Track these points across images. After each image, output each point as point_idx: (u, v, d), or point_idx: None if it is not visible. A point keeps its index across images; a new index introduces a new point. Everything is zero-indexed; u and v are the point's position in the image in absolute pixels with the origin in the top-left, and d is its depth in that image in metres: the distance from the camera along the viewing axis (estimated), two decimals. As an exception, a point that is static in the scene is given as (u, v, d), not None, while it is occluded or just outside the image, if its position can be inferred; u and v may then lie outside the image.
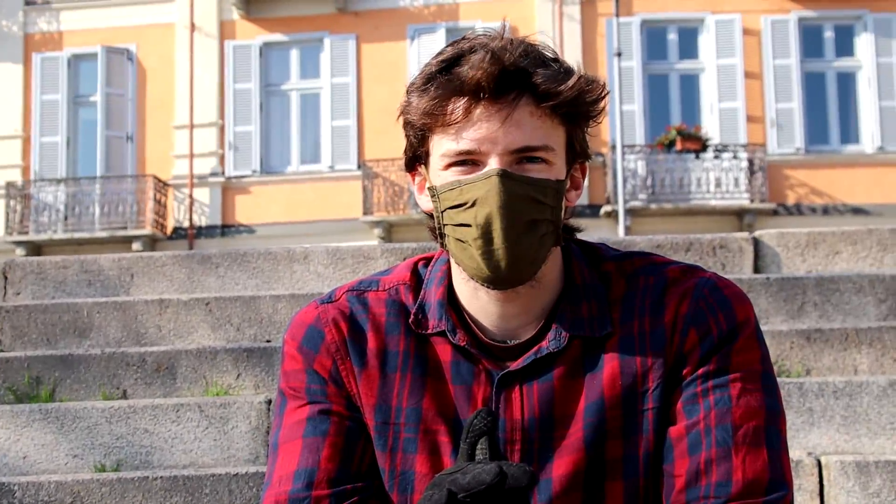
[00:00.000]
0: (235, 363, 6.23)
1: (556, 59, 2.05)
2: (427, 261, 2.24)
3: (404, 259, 6.80)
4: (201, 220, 29.61)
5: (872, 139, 29.09)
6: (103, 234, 28.76)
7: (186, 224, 29.50)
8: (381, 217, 28.69)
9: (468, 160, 2.00)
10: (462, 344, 2.09)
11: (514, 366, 2.08)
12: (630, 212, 26.79)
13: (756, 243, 7.39)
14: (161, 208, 29.34)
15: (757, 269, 7.29)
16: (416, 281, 2.20)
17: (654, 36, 29.47)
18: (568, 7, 29.25)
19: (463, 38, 2.05)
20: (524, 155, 2.00)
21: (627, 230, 25.79)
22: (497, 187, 1.95)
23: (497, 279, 2.01)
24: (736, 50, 29.14)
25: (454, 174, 2.02)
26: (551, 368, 2.08)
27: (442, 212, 2.04)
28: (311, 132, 30.02)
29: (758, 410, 2.04)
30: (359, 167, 29.17)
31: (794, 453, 4.96)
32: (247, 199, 29.58)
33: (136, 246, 28.15)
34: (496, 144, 1.97)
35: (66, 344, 6.88)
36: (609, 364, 2.08)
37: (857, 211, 28.42)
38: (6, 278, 7.80)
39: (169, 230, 29.47)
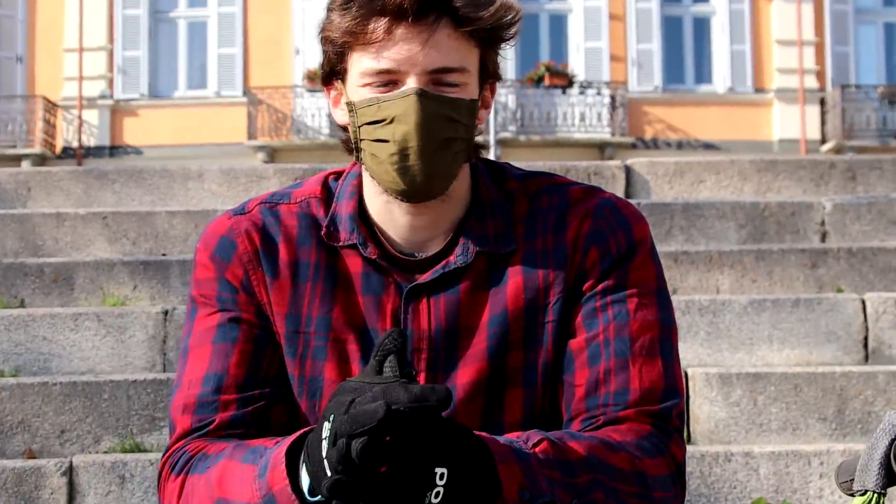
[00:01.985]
0: (132, 275, 6.24)
1: None
2: (337, 175, 2.20)
3: (295, 179, 7.23)
4: (90, 141, 29.16)
5: (724, 80, 29.50)
6: (-7, 152, 28.00)
7: (75, 144, 28.99)
8: (265, 142, 28.54)
9: (387, 79, 1.96)
10: (373, 257, 2.06)
11: (423, 279, 2.06)
12: (500, 142, 26.91)
13: (628, 171, 7.58)
14: (50, 128, 28.91)
15: (628, 195, 7.36)
16: (327, 194, 2.15)
17: (525, -25, 29.63)
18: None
19: None
20: (441, 76, 1.96)
21: (497, 160, 25.94)
22: (415, 105, 1.93)
23: (411, 193, 1.98)
24: (604, -10, 29.11)
25: (372, 91, 1.97)
26: (458, 282, 2.06)
27: (359, 126, 2.00)
28: (197, 59, 29.62)
29: (653, 323, 2.04)
30: (244, 94, 28.90)
31: (661, 367, 5.18)
32: (135, 121, 29.22)
33: (25, 164, 27.25)
34: (415, 65, 1.94)
35: None
36: (513, 279, 2.06)
37: (709, 146, 28.66)
38: None
39: (58, 150, 29.06)
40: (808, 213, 6.98)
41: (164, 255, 6.84)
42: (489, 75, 2.10)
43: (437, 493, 1.61)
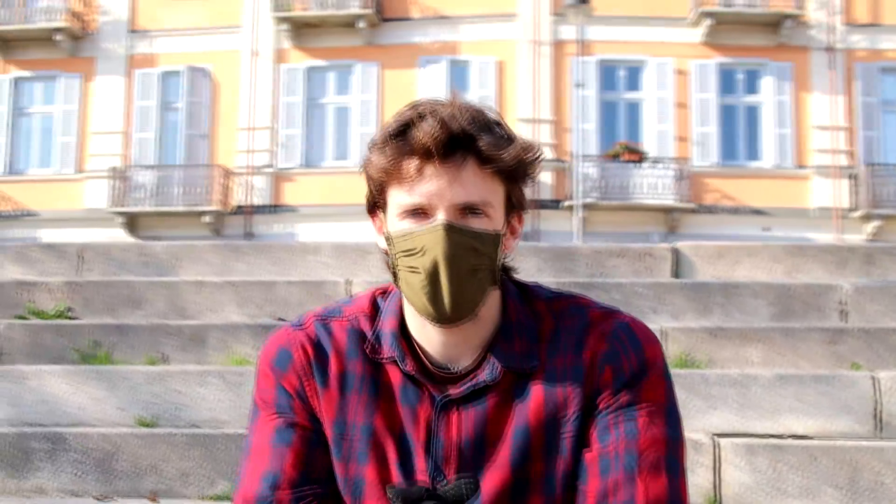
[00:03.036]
0: (253, 336, 6.12)
1: (499, 124, 1.89)
2: (385, 292, 2.06)
3: None
4: (256, 201, 29.43)
5: (771, 158, 29.17)
6: (181, 209, 28.73)
7: (245, 202, 29.38)
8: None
9: (419, 211, 1.84)
10: (410, 371, 1.94)
11: (454, 393, 1.93)
12: (585, 206, 26.65)
13: (675, 252, 7.35)
14: (226, 190, 29.24)
15: (676, 275, 7.21)
16: (374, 311, 2.02)
17: (607, 72, 29.22)
18: (542, 47, 29.18)
19: (419, 104, 1.90)
20: (467, 209, 1.84)
21: (584, 221, 26.12)
22: (443, 238, 1.81)
23: (441, 317, 1.86)
24: (669, 85, 29.11)
25: (407, 223, 1.85)
26: (485, 396, 1.92)
27: (395, 255, 1.89)
28: (342, 136, 29.77)
29: (661, 440, 1.89)
30: (379, 164, 29.12)
31: (697, 434, 4.89)
32: (292, 185, 29.48)
33: (205, 218, 28.50)
34: (443, 199, 1.82)
35: (123, 314, 6.81)
36: (535, 394, 1.92)
37: (757, 212, 28.47)
38: (81, 258, 7.72)
39: (232, 207, 29.32)
40: (830, 293, 6.64)
41: (281, 318, 6.67)
42: (514, 206, 1.96)
43: None
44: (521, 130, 1.98)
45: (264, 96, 29.90)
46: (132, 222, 29.10)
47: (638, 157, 28.29)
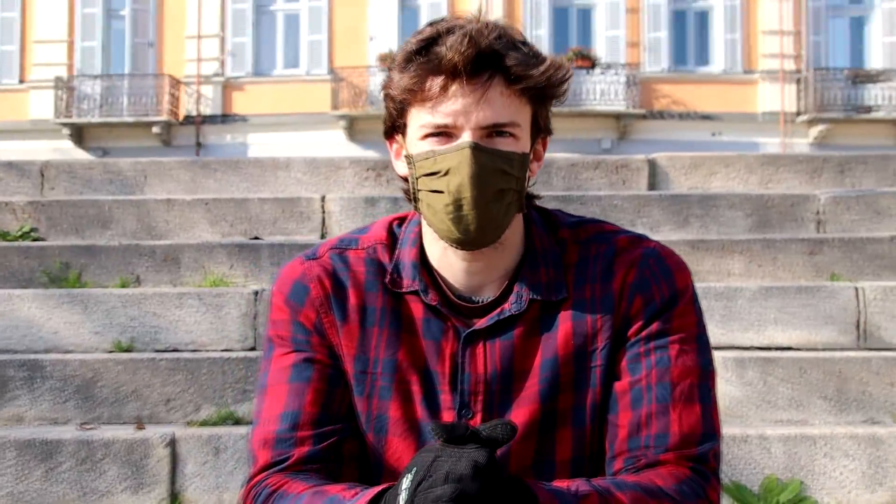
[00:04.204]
0: (229, 256, 6.04)
1: (525, 43, 1.79)
2: (401, 220, 2.00)
3: (367, 170, 7.15)
4: (206, 111, 29.15)
5: (720, 63, 29.21)
6: (130, 120, 28.41)
7: (195, 113, 29.06)
8: (345, 112, 28.22)
9: (443, 132, 1.76)
10: (433, 303, 1.87)
11: (479, 325, 1.86)
12: None
13: (651, 164, 7.26)
14: (175, 100, 28.90)
15: (651, 186, 7.14)
16: (392, 240, 1.95)
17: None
18: (493, -47, 29.12)
19: (442, 19, 1.81)
20: (494, 129, 1.75)
21: None
22: (469, 158, 1.72)
23: (465, 241, 1.79)
24: (620, -9, 29.19)
25: (430, 144, 1.77)
26: (512, 328, 1.85)
27: (417, 178, 1.81)
28: (292, 44, 29.45)
29: (693, 369, 1.83)
30: (329, 72, 28.69)
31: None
32: (241, 94, 29.16)
33: (154, 129, 28.30)
34: (469, 120, 1.73)
35: (91, 235, 6.68)
36: (563, 325, 1.85)
37: (707, 117, 28.61)
38: (43, 175, 7.55)
39: (181, 118, 29.00)
40: (806, 204, 6.61)
41: (256, 237, 6.58)
42: (541, 130, 1.86)
43: None
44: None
45: (212, 2, 29.41)
46: (79, 134, 28.71)
47: (589, 63, 28.08)
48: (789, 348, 5.22)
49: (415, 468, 1.49)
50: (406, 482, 1.49)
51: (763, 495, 4.15)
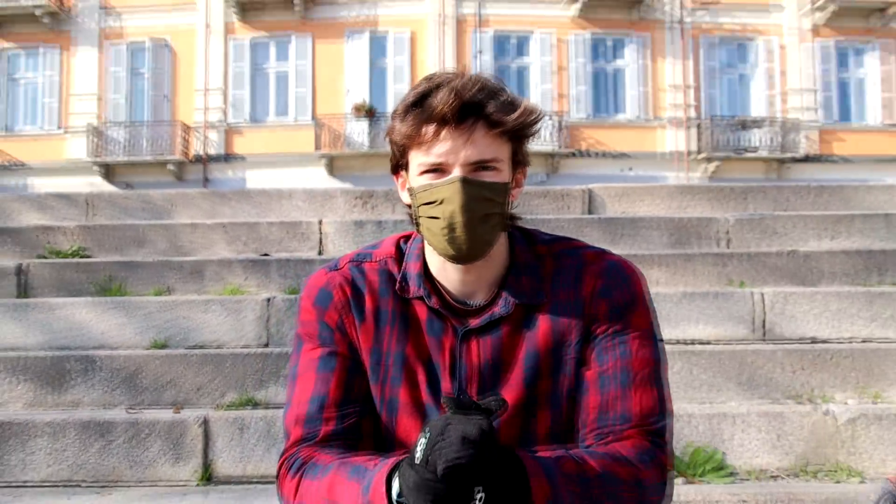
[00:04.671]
0: (244, 269, 6.07)
1: (503, 91, 1.82)
2: (406, 238, 2.01)
3: (356, 199, 7.16)
4: (211, 151, 28.96)
5: (632, 111, 29.34)
6: (149, 159, 28.21)
7: (202, 153, 28.90)
8: (325, 152, 28.15)
9: (437, 169, 1.78)
10: (435, 306, 1.89)
11: (474, 324, 1.89)
12: None
13: (589, 193, 7.26)
14: (186, 143, 28.71)
15: (590, 211, 7.14)
16: (399, 255, 1.97)
17: (500, 42, 29.09)
18: (447, 21, 28.99)
19: (434, 75, 1.83)
20: (479, 165, 1.78)
21: None
22: (459, 190, 1.76)
23: (459, 257, 1.82)
24: (550, 53, 29.11)
25: (427, 179, 1.80)
26: (500, 327, 1.88)
27: (418, 206, 1.82)
28: (282, 96, 29.28)
29: (649, 360, 1.86)
30: (312, 120, 28.61)
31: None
32: (240, 138, 28.97)
33: (169, 167, 28.08)
34: (458, 158, 1.76)
35: (130, 252, 6.70)
36: (542, 324, 1.88)
37: (621, 155, 28.68)
38: (88, 204, 7.56)
39: (191, 157, 28.81)
40: (715, 225, 6.64)
41: (265, 254, 6.56)
42: (519, 162, 1.88)
43: None
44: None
45: (216, 64, 29.29)
46: (108, 171, 28.48)
47: (527, 111, 28.24)
48: (707, 342, 5.24)
49: (429, 431, 1.50)
50: (422, 443, 1.50)
51: (691, 463, 4.15)
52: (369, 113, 28.44)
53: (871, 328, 5.32)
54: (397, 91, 28.71)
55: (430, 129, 1.77)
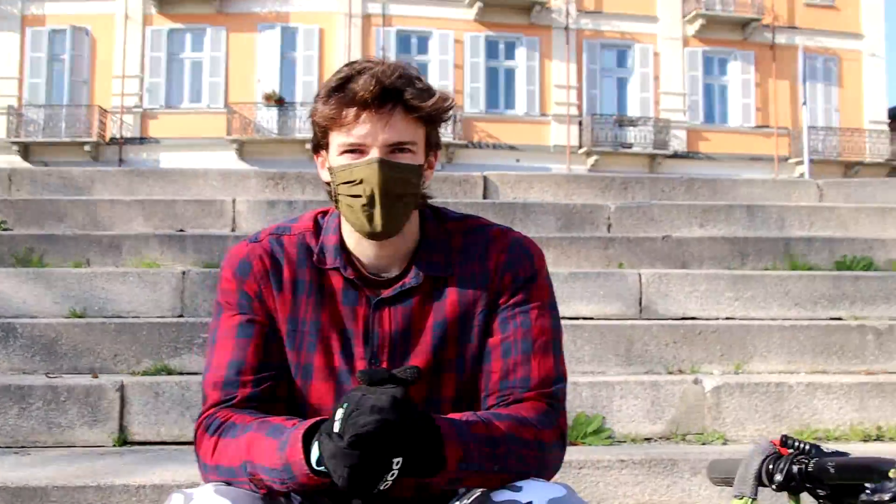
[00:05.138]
0: (160, 244, 5.91)
1: (420, 79, 1.81)
2: (324, 213, 1.97)
3: (268, 180, 7.06)
4: (127, 134, 28.41)
5: (522, 107, 29.75)
6: (67, 140, 27.57)
7: (118, 135, 28.34)
8: (236, 137, 27.93)
9: (356, 149, 1.76)
10: (350, 277, 1.86)
11: (386, 294, 1.87)
12: None
13: (485, 179, 7.23)
14: (102, 125, 28.13)
15: (485, 196, 7.12)
16: (317, 228, 1.93)
17: (403, 40, 29.14)
18: (354, 19, 28.87)
19: (356, 62, 1.82)
20: (396, 147, 1.76)
21: None
22: (377, 170, 1.74)
23: (375, 234, 1.80)
24: (450, 51, 29.26)
25: (347, 159, 1.77)
26: (411, 297, 1.87)
27: (337, 185, 1.80)
28: (196, 84, 28.86)
29: (547, 329, 1.87)
30: (224, 107, 28.32)
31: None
32: (155, 122, 28.45)
33: (86, 148, 27.54)
34: (376, 140, 1.74)
35: (50, 226, 6.46)
36: (450, 295, 1.88)
37: (512, 148, 29.03)
38: (10, 180, 7.29)
39: (107, 139, 28.22)
40: (600, 212, 6.69)
41: (181, 230, 6.38)
42: (432, 146, 1.87)
43: (393, 474, 1.50)
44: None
45: (134, 51, 28.64)
46: (26, 150, 27.66)
47: (425, 105, 28.25)
48: (591, 318, 5.27)
49: (346, 402, 1.48)
50: (340, 413, 1.47)
51: (574, 427, 4.19)
52: (279, 102, 28.15)
53: (734, 307, 5.44)
54: (306, 82, 28.45)
55: (351, 112, 1.75)
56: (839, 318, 5.37)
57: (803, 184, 7.86)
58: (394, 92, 1.74)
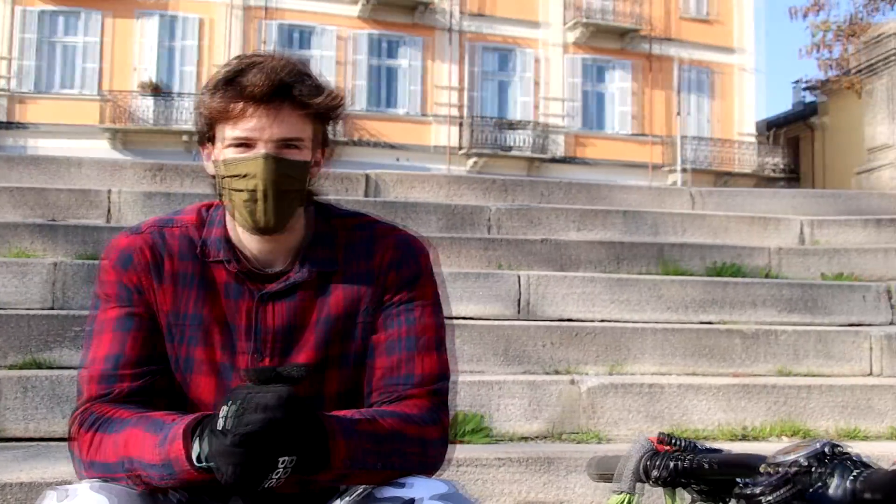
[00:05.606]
0: (31, 234, 5.68)
1: (310, 76, 1.79)
2: (208, 206, 1.95)
3: (146, 171, 6.87)
4: (-4, 118, 27.29)
5: (404, 107, 29.78)
6: (-73, 121, 26.43)
7: None
8: (110, 126, 27.16)
9: (244, 143, 1.74)
10: (234, 271, 1.84)
11: (271, 288, 1.85)
12: None
13: (368, 177, 7.19)
14: (-32, 108, 26.94)
15: (367, 195, 7.08)
16: (201, 221, 1.91)
17: (286, 34, 28.73)
18: (236, 10, 28.38)
19: (246, 55, 1.80)
20: (284, 143, 1.74)
21: None
22: (263, 165, 1.73)
23: (259, 229, 1.79)
24: (332, 47, 29.11)
25: (234, 153, 1.75)
26: (296, 292, 1.85)
27: (223, 178, 1.78)
28: (69, 69, 27.84)
29: (432, 326, 1.88)
30: (98, 93, 27.44)
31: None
32: (24, 106, 27.29)
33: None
34: (264, 134, 1.73)
35: None
36: (335, 291, 1.87)
37: (393, 146, 29.02)
38: None
39: (-27, 122, 27.09)
40: (481, 213, 6.76)
41: (53, 220, 6.15)
42: (321, 143, 1.86)
43: (279, 472, 1.50)
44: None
45: (2, 32, 27.39)
46: None
47: (307, 101, 28.02)
48: (472, 318, 5.30)
49: (232, 399, 1.47)
50: (225, 410, 1.46)
51: (454, 425, 4.23)
52: (155, 90, 27.47)
53: (610, 309, 5.58)
54: (186, 72, 27.86)
55: (239, 106, 1.73)
56: (710, 322, 5.58)
57: (677, 191, 8.11)
58: (284, 87, 1.74)
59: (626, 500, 1.66)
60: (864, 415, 4.70)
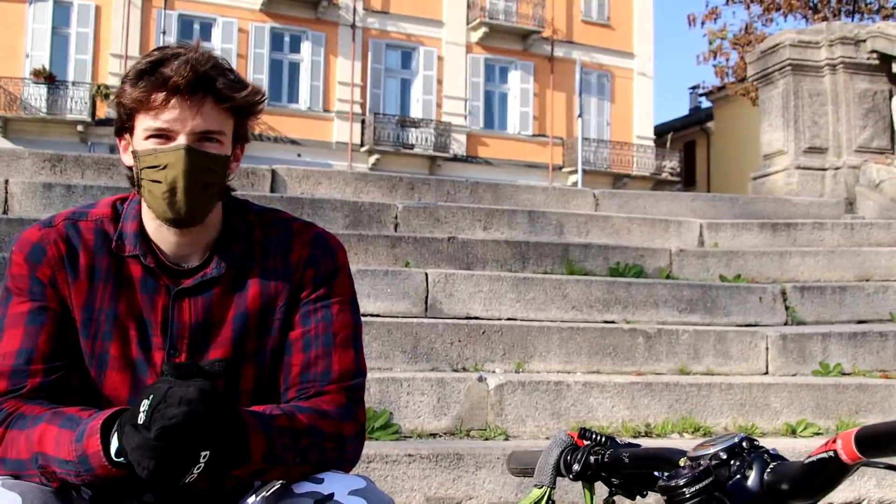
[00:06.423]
0: None
1: (232, 71, 1.82)
2: (123, 199, 1.93)
3: (44, 161, 6.63)
4: None
5: (305, 102, 29.63)
6: None
7: None
8: (1, 114, 26.29)
9: (163, 135, 1.73)
10: (150, 265, 1.84)
11: (186, 284, 1.85)
12: None
13: (273, 172, 7.12)
14: None
15: (273, 190, 7.02)
16: (115, 215, 1.89)
17: (186, 25, 28.21)
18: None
19: (169, 46, 1.80)
20: (204, 136, 1.75)
21: None
22: (183, 157, 1.73)
23: (176, 221, 1.78)
24: (233, 40, 28.78)
25: (152, 144, 1.74)
26: (212, 288, 1.86)
27: (140, 169, 1.77)
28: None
29: (348, 323, 1.89)
30: (-14, 81, 26.56)
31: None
32: None
33: None
34: (185, 126, 1.72)
35: None
36: (252, 287, 1.87)
37: (294, 142, 28.89)
38: None
39: None
40: (387, 210, 6.75)
41: (-56, 210, 5.87)
42: (240, 138, 1.86)
43: (199, 467, 1.50)
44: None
45: None
46: None
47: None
48: (379, 315, 5.30)
49: (152, 394, 1.47)
50: (144, 405, 1.46)
51: (362, 422, 4.24)
52: (49, 78, 26.66)
53: (515, 308, 5.65)
54: (79, 60, 27.11)
55: (160, 96, 1.72)
56: (613, 322, 5.70)
57: (581, 192, 8.25)
58: (207, 80, 1.74)
59: (547, 493, 1.69)
60: (761, 412, 4.88)
